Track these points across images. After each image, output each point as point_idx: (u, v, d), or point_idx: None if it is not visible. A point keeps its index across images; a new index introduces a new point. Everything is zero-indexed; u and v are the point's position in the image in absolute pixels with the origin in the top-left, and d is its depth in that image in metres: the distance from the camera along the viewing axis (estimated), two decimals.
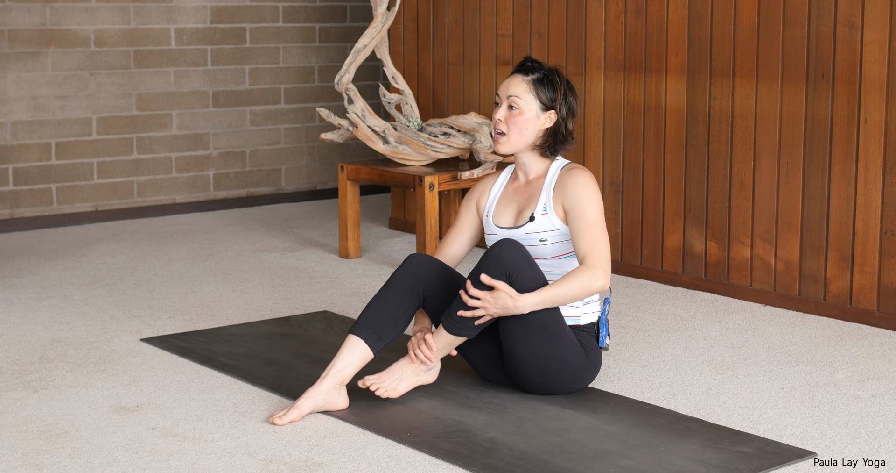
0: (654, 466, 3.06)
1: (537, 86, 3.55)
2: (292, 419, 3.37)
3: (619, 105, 5.22)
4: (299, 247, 5.92)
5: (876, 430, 3.34)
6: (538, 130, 3.56)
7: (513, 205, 3.65)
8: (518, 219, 3.61)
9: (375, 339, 3.47)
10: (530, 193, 3.62)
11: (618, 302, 4.77)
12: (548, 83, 3.56)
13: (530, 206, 3.59)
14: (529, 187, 3.63)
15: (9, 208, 6.39)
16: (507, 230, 3.60)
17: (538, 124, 3.56)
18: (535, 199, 3.58)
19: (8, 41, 6.30)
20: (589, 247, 3.45)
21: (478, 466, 3.06)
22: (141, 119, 6.75)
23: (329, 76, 7.38)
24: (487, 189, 3.75)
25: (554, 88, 3.56)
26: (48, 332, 4.36)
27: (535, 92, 3.54)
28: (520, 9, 5.60)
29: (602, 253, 3.44)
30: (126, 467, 3.07)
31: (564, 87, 3.59)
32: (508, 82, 3.58)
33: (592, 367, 3.58)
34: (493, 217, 3.67)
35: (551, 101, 3.55)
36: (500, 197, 3.69)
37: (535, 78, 3.55)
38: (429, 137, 5.54)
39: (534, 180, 3.63)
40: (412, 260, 3.57)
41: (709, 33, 4.84)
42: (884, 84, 4.31)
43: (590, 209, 3.48)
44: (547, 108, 3.55)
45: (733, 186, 4.83)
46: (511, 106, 3.55)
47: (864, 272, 4.45)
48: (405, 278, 3.55)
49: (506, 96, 3.56)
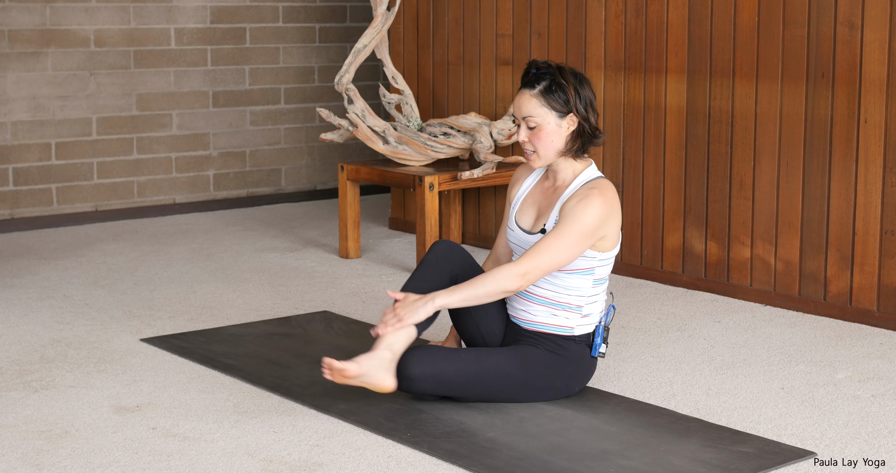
0: (654, 466, 3.06)
1: (547, 96, 3.47)
2: (347, 371, 3.35)
3: (619, 105, 5.22)
4: (299, 247, 5.92)
5: (876, 430, 3.34)
6: (564, 137, 3.50)
7: (535, 206, 3.62)
8: (534, 225, 3.59)
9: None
10: (553, 200, 3.58)
11: (618, 302, 4.78)
12: (556, 89, 3.47)
13: (546, 215, 3.56)
14: (555, 193, 3.59)
15: (9, 208, 6.39)
16: (523, 233, 3.59)
17: (562, 131, 3.49)
18: (552, 209, 3.55)
19: (8, 41, 6.30)
20: (535, 250, 3.42)
21: (478, 466, 3.06)
22: (141, 119, 6.75)
23: (329, 76, 7.38)
24: (520, 180, 3.73)
25: (564, 91, 3.47)
26: (48, 332, 4.36)
27: (547, 104, 3.47)
28: (520, 9, 5.60)
29: (538, 260, 3.41)
30: (126, 467, 3.07)
31: (573, 84, 3.49)
32: (519, 102, 3.51)
33: (574, 378, 3.57)
34: (517, 213, 3.66)
35: (566, 105, 3.48)
36: (529, 193, 3.67)
37: (542, 89, 3.47)
38: (429, 138, 5.54)
39: (560, 187, 3.58)
40: (441, 246, 3.63)
41: (709, 33, 4.84)
42: (884, 84, 4.32)
43: (570, 224, 3.43)
44: (564, 113, 3.49)
45: (733, 186, 4.83)
46: (530, 126, 3.50)
47: (864, 272, 4.45)
48: (438, 260, 3.60)
49: (522, 118, 3.50)
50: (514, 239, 3.64)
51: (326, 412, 3.47)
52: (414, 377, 3.41)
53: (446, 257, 3.61)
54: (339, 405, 3.52)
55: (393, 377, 3.40)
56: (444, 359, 3.44)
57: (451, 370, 3.43)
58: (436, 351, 3.46)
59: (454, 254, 3.63)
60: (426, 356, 3.44)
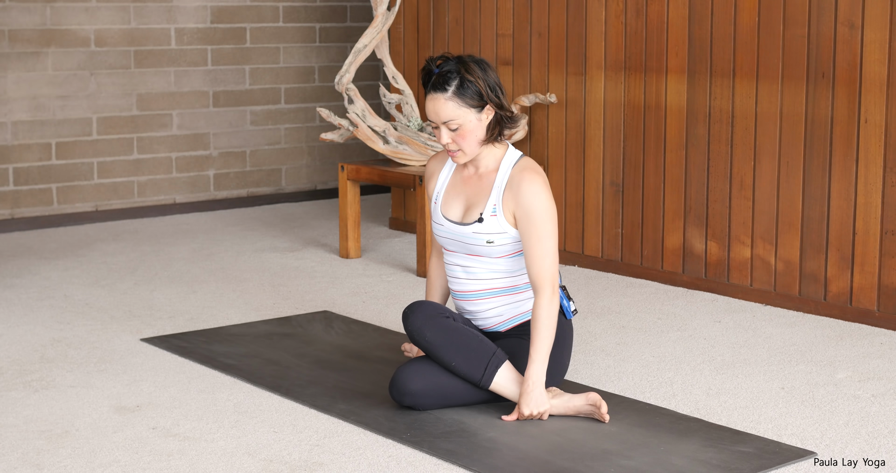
0: (654, 466, 3.06)
1: (461, 96, 3.40)
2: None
3: (619, 105, 5.22)
4: (299, 247, 5.92)
5: (876, 430, 3.34)
6: (484, 128, 3.46)
7: (461, 197, 3.56)
8: (466, 215, 3.52)
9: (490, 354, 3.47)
10: (481, 187, 3.52)
11: (618, 302, 4.78)
12: (467, 85, 3.40)
13: (479, 204, 3.50)
14: (480, 181, 3.53)
15: (9, 208, 6.39)
16: (454, 225, 3.52)
17: (482, 124, 3.45)
18: (486, 197, 3.49)
19: (8, 41, 6.30)
20: (539, 265, 3.40)
21: (478, 466, 3.06)
22: (141, 119, 6.75)
23: (329, 76, 7.38)
24: (436, 173, 3.65)
25: (475, 84, 3.41)
26: (48, 332, 4.36)
27: (464, 103, 3.40)
28: (520, 9, 5.60)
29: (550, 270, 3.40)
30: (126, 467, 3.07)
31: (479, 74, 3.42)
32: (434, 107, 3.42)
33: (564, 351, 3.56)
34: (442, 206, 3.58)
35: (480, 98, 3.42)
36: (450, 184, 3.60)
37: (454, 90, 3.40)
38: (429, 137, 5.54)
39: (485, 174, 3.53)
40: (416, 306, 3.48)
41: (709, 33, 4.84)
42: (884, 84, 4.31)
43: (543, 221, 3.41)
44: (481, 107, 3.43)
45: (733, 186, 4.83)
46: (452, 128, 3.43)
47: (865, 272, 4.45)
48: (456, 326, 3.47)
49: (441, 122, 3.43)
50: (445, 233, 3.56)
51: (326, 412, 3.47)
52: (415, 391, 3.41)
53: (434, 310, 3.48)
54: (339, 405, 3.52)
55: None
56: (442, 373, 3.43)
57: (450, 383, 3.43)
58: (432, 364, 3.45)
59: (433, 308, 3.50)
60: (423, 369, 3.44)
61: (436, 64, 3.44)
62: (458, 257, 3.55)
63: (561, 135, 5.46)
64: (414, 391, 3.41)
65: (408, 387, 3.41)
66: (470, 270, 3.53)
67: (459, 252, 3.54)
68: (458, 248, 3.54)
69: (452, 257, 3.57)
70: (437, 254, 3.77)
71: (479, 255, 3.51)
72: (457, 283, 3.57)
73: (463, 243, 3.51)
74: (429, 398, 3.43)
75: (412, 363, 3.47)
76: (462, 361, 3.39)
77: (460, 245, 3.52)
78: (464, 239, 3.50)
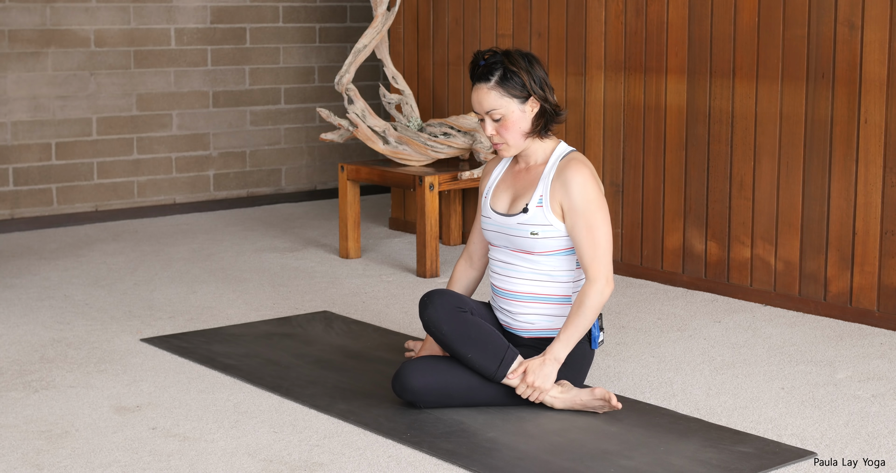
0: (654, 466, 3.06)
1: (504, 86, 3.45)
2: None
3: (619, 105, 5.22)
4: (299, 247, 5.92)
5: (876, 430, 3.34)
6: (530, 121, 3.50)
7: (510, 190, 3.60)
8: (512, 207, 3.56)
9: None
10: (529, 180, 3.56)
11: (618, 302, 4.78)
12: (511, 76, 3.45)
13: (526, 195, 3.53)
14: (529, 174, 3.57)
15: (9, 208, 6.39)
16: (501, 216, 3.55)
17: (527, 116, 3.49)
18: (532, 188, 3.53)
19: (8, 41, 6.30)
20: (591, 256, 3.43)
21: (478, 466, 3.06)
22: (141, 119, 6.75)
23: (329, 76, 7.38)
24: (490, 171, 3.71)
25: (518, 76, 3.45)
26: (48, 332, 4.36)
27: (507, 93, 3.45)
28: (520, 9, 5.60)
29: (603, 260, 3.43)
30: (126, 467, 3.07)
31: (525, 67, 3.47)
32: (478, 97, 3.48)
33: (578, 375, 3.55)
34: (491, 200, 3.63)
35: (524, 89, 3.46)
36: (500, 180, 3.65)
37: (497, 80, 3.45)
38: (429, 138, 5.54)
39: (534, 167, 3.57)
40: (435, 297, 3.48)
41: (709, 33, 4.84)
42: (884, 84, 4.31)
43: (591, 211, 3.44)
44: (525, 98, 3.47)
45: (733, 186, 4.83)
46: (495, 118, 3.48)
47: (865, 272, 4.45)
48: (472, 318, 3.47)
49: (485, 113, 3.48)
50: (491, 226, 3.59)
51: (326, 412, 3.47)
52: (416, 388, 3.42)
53: (453, 303, 3.48)
54: (339, 405, 3.52)
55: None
56: (447, 372, 3.44)
57: (453, 382, 3.43)
58: (437, 362, 3.46)
59: (453, 299, 3.50)
60: (427, 367, 3.44)
61: (483, 57, 3.49)
62: (502, 252, 3.58)
63: (561, 135, 5.46)
64: (416, 388, 3.42)
65: (411, 383, 3.42)
66: (512, 267, 3.55)
67: (504, 248, 3.57)
68: (503, 242, 3.56)
69: (497, 253, 3.61)
70: (465, 258, 3.80)
71: (523, 250, 3.52)
72: (498, 279, 3.60)
73: (507, 235, 3.54)
74: (430, 396, 3.43)
75: (418, 360, 3.47)
76: (478, 353, 3.39)
77: (505, 239, 3.55)
78: (508, 231, 3.53)
